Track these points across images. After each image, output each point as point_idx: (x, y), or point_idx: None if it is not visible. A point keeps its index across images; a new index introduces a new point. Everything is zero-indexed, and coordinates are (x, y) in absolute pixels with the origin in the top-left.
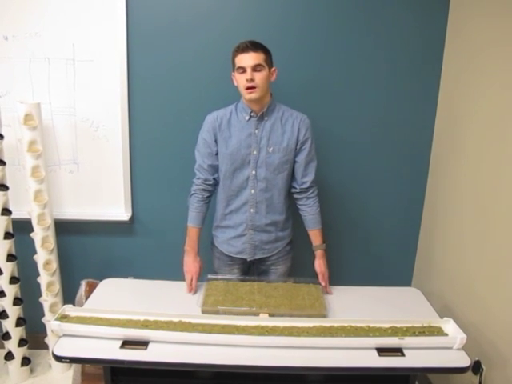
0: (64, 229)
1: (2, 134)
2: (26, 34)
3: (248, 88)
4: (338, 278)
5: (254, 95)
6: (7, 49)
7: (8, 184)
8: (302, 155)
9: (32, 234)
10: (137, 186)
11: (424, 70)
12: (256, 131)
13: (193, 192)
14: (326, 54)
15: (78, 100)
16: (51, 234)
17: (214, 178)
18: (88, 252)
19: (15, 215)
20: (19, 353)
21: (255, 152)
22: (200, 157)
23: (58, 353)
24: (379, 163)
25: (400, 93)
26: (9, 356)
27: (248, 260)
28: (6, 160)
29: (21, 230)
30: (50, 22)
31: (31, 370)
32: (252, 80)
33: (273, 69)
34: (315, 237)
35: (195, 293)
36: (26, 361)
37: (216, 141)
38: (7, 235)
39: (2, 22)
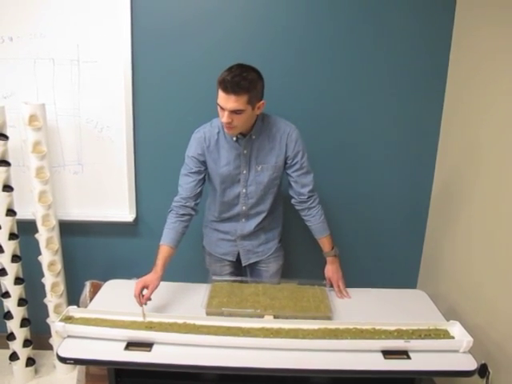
0: (68, 230)
1: (7, 134)
2: (31, 34)
3: (225, 124)
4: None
5: (231, 132)
6: (12, 50)
7: (12, 185)
8: (295, 168)
9: (37, 235)
10: (141, 187)
11: (430, 75)
12: (245, 151)
13: (170, 209)
14: (331, 59)
15: (83, 101)
16: (56, 234)
17: (195, 197)
18: (92, 253)
19: (20, 216)
20: (24, 353)
21: (245, 171)
22: (185, 175)
23: (63, 354)
24: (384, 165)
25: (406, 97)
26: (13, 356)
27: (243, 265)
28: (10, 161)
29: (25, 230)
30: (54, 22)
31: (36, 371)
32: (229, 123)
33: (260, 103)
34: (324, 244)
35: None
36: (30, 361)
37: (205, 161)
38: (12, 236)
39: (6, 22)
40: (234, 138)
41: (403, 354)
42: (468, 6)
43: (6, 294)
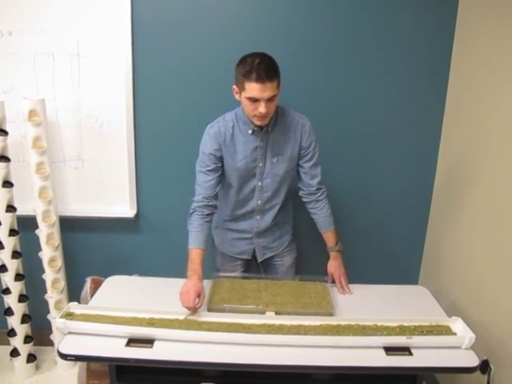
0: (69, 226)
1: (7, 130)
2: (31, 29)
3: (258, 116)
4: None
5: (264, 122)
6: (11, 44)
7: (12, 181)
8: (307, 159)
9: (37, 231)
10: (142, 182)
11: (432, 75)
12: (261, 143)
13: (192, 210)
14: (332, 57)
15: (83, 96)
16: (56, 230)
17: (215, 195)
18: (93, 249)
19: (20, 212)
20: (24, 349)
21: (261, 164)
22: (203, 173)
23: (64, 350)
24: (386, 160)
25: (408, 97)
26: (14, 353)
27: (259, 261)
28: (10, 156)
29: (26, 226)
30: (54, 17)
31: (37, 367)
32: (266, 112)
33: (280, 84)
34: (328, 239)
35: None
36: (31, 357)
37: (222, 157)
38: (12, 232)
39: (6, 17)
40: (250, 131)
41: (405, 350)
42: (470, 4)
43: (7, 291)
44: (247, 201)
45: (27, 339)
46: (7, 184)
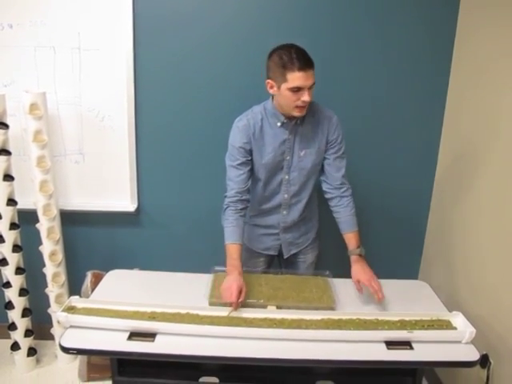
0: (70, 219)
1: (7, 123)
2: (32, 22)
3: (300, 106)
4: (344, 270)
5: (303, 113)
6: (12, 37)
7: (13, 174)
8: (333, 151)
9: (38, 225)
10: (143, 176)
11: (432, 75)
12: (290, 136)
13: (226, 206)
14: (335, 57)
15: (84, 89)
16: (57, 224)
17: (247, 190)
18: (94, 243)
19: (21, 206)
20: (25, 343)
21: (288, 157)
22: (234, 167)
23: (65, 344)
24: (386, 155)
25: (408, 96)
26: (15, 346)
27: (285, 257)
28: (11, 150)
29: (26, 220)
30: (55, 10)
31: (37, 361)
32: (309, 100)
33: None
34: (349, 240)
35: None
36: (31, 351)
37: (251, 150)
38: (13, 226)
39: (7, 10)
40: (279, 124)
41: (406, 344)
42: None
43: (7, 284)
44: (274, 195)
45: (28, 333)
46: (8, 177)
